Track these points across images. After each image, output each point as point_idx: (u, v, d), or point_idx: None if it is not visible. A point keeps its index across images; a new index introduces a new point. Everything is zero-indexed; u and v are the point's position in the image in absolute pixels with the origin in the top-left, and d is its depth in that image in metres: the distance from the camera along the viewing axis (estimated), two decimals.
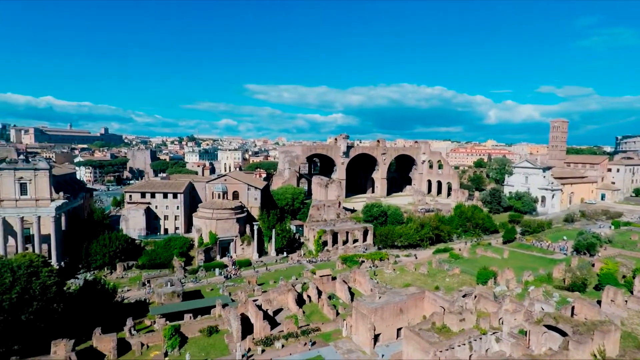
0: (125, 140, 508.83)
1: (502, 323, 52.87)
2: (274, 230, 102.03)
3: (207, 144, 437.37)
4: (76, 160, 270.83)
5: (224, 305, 64.48)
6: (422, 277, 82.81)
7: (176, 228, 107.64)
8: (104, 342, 52.50)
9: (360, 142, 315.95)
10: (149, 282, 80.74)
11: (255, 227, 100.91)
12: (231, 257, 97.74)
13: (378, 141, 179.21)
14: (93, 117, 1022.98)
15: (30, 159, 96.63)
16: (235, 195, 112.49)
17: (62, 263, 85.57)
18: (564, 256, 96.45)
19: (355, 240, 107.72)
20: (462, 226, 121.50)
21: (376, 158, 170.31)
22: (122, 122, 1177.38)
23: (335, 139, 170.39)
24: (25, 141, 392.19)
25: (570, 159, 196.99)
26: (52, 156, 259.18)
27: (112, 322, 58.45)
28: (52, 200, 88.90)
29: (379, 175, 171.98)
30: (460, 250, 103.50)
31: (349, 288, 74.23)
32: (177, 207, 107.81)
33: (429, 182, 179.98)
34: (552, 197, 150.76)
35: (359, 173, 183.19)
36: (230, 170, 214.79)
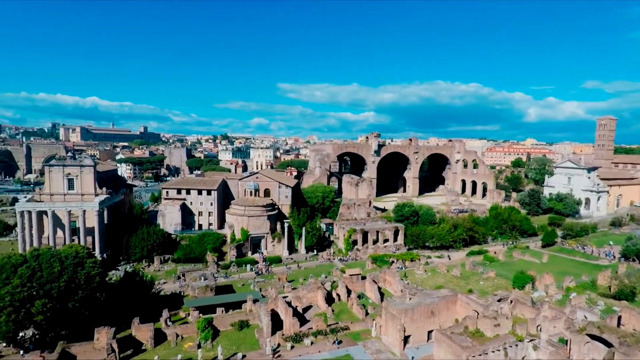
0: (163, 139, 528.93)
1: (540, 330, 50.43)
2: (304, 228, 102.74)
3: (240, 143, 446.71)
4: (117, 157, 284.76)
5: (255, 301, 65.70)
6: (454, 280, 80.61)
7: (210, 224, 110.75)
8: (142, 332, 54.97)
9: (392, 141, 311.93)
10: (183, 275, 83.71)
11: (286, 225, 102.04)
12: (262, 253, 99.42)
13: (410, 140, 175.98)
14: (133, 116, 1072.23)
15: (76, 156, 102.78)
16: (267, 193, 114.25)
17: (105, 255, 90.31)
18: (610, 262, 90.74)
19: (385, 240, 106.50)
20: (497, 228, 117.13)
21: (408, 157, 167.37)
22: (160, 121, 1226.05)
23: (367, 138, 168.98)
24: (72, 139, 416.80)
25: (619, 159, 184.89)
26: (96, 153, 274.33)
27: (149, 312, 61.02)
28: (96, 195, 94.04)
29: (411, 175, 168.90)
30: (495, 253, 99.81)
31: (379, 288, 73.51)
32: (211, 204, 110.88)
33: (463, 182, 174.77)
34: (598, 199, 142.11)
35: (390, 172, 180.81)
36: (262, 168, 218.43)
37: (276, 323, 58.53)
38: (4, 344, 52.89)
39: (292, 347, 54.59)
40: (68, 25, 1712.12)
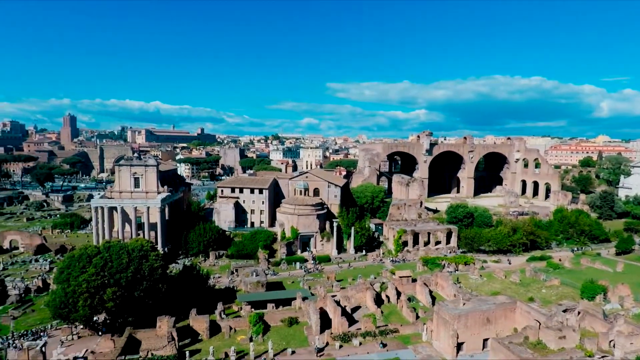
0: (218, 139, 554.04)
1: (614, 346, 45.83)
2: (353, 228, 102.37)
3: (290, 143, 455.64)
4: (177, 157, 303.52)
5: (304, 299, 66.65)
6: (513, 286, 75.83)
7: (261, 222, 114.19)
8: (198, 322, 58.10)
9: (445, 139, 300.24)
10: (236, 270, 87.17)
11: (335, 224, 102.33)
12: (311, 252, 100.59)
13: (465, 138, 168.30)
14: (191, 118, 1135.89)
15: (142, 157, 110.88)
16: (316, 192, 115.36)
17: (166, 249, 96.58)
18: None
19: (437, 242, 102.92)
20: (563, 232, 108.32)
21: (462, 156, 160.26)
22: (216, 123, 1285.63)
23: (418, 136, 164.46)
24: (138, 141, 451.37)
25: None
26: (159, 154, 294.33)
27: (205, 304, 64.28)
28: (159, 193, 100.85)
29: (465, 175, 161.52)
30: (560, 259, 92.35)
31: (430, 291, 71.21)
32: (262, 202, 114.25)
33: (523, 182, 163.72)
34: None
35: (443, 172, 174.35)
36: (311, 168, 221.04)
37: (324, 321, 58.90)
38: (82, 326, 58.57)
39: (341, 346, 54.62)
40: (135, 35, 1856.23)
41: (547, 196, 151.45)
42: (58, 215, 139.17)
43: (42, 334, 59.10)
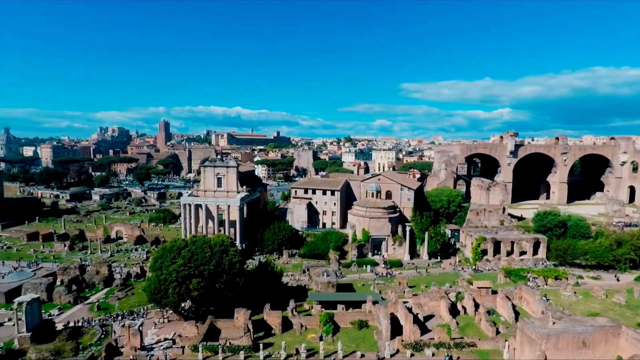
0: (293, 142, 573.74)
1: None
2: (427, 233, 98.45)
3: (362, 145, 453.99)
4: (255, 159, 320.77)
5: (374, 302, 65.69)
6: (616, 308, 66.30)
7: (333, 223, 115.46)
8: (272, 317, 60.57)
9: (533, 140, 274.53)
10: (308, 270, 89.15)
11: (408, 228, 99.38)
12: (382, 255, 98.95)
13: (557, 138, 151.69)
14: (268, 122, 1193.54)
15: (223, 158, 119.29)
16: (388, 195, 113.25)
17: (243, 245, 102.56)
18: None
19: (522, 252, 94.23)
20: None
21: (553, 158, 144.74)
22: (291, 126, 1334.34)
23: (501, 137, 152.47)
24: (220, 144, 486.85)
25: None
26: (239, 156, 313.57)
27: (277, 300, 66.76)
28: (238, 192, 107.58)
29: (557, 179, 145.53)
30: None
31: (513, 306, 65.36)
32: (334, 204, 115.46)
33: (631, 188, 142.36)
34: None
35: (530, 176, 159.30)
36: (383, 170, 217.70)
37: (395, 327, 57.37)
38: (171, 311, 64.82)
39: (412, 355, 52.72)
40: (218, 45, 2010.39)
41: None
42: (153, 211, 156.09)
43: (139, 315, 66.66)
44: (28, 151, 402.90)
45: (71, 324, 61.98)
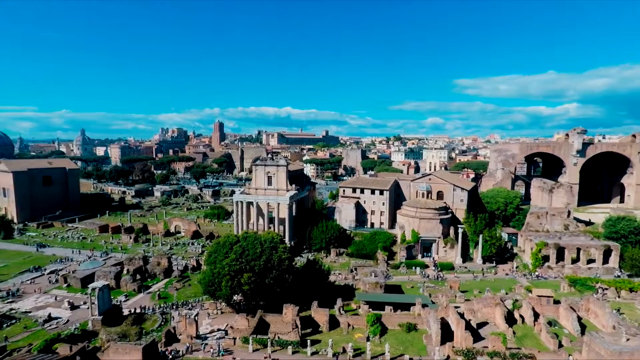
0: (341, 141, 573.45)
1: None
2: (481, 236, 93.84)
3: (413, 143, 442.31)
4: (304, 158, 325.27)
5: (424, 305, 63.95)
6: None
7: (381, 223, 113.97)
8: (319, 315, 61.18)
9: (604, 138, 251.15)
10: (355, 269, 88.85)
11: (460, 230, 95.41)
12: (433, 258, 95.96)
13: (633, 135, 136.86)
14: (317, 122, 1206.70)
15: (274, 158, 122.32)
16: (440, 196, 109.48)
17: (292, 242, 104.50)
18: None
19: (590, 261, 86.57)
20: None
21: (629, 158, 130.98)
22: (339, 125, 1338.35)
23: (566, 135, 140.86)
24: (271, 143, 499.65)
25: None
26: (288, 155, 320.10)
27: (325, 298, 67.31)
28: (287, 190, 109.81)
29: (633, 181, 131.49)
30: None
31: (579, 318, 60.29)
32: (383, 203, 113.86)
33: None
34: None
35: (600, 177, 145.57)
36: (435, 170, 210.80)
37: (445, 333, 55.40)
38: (224, 304, 67.88)
39: None
40: (269, 47, 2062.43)
41: None
42: (208, 207, 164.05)
43: (195, 305, 70.60)
44: (100, 151, 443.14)
45: (137, 310, 67.25)
